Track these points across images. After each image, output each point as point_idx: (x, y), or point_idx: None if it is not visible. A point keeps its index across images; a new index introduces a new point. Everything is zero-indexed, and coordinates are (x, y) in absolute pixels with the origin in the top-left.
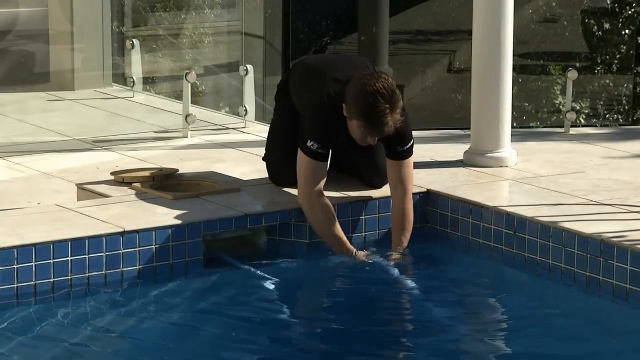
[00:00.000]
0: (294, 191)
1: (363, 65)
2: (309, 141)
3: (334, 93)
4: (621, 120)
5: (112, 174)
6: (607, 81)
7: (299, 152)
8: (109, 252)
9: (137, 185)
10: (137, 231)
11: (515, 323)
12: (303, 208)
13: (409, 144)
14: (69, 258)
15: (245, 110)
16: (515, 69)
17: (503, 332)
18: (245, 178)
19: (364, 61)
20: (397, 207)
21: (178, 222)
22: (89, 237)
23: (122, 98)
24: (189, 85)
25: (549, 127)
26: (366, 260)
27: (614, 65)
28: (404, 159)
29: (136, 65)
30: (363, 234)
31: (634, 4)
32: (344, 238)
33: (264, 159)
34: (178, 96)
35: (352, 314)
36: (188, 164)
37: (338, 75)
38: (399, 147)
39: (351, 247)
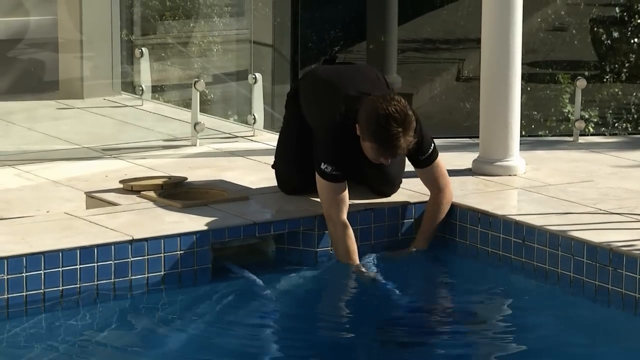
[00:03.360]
0: (303, 199)
1: (374, 77)
2: (322, 164)
3: (345, 111)
4: (630, 129)
5: (121, 182)
6: (616, 90)
7: (316, 174)
8: (117, 261)
9: (146, 193)
10: (145, 239)
11: (523, 332)
12: (327, 224)
13: (430, 150)
14: (77, 266)
15: (254, 118)
16: (524, 77)
17: (510, 341)
18: (254, 186)
19: (374, 72)
20: (431, 202)
21: (187, 230)
22: (98, 246)
23: (131, 106)
24: (198, 93)
25: (557, 135)
26: (366, 279)
27: (623, 74)
28: (429, 164)
29: (145, 73)
30: (372, 242)
31: None
32: (357, 264)
33: (273, 166)
34: (187, 104)
35: (358, 324)
36: (197, 172)
37: (349, 91)
38: (421, 156)
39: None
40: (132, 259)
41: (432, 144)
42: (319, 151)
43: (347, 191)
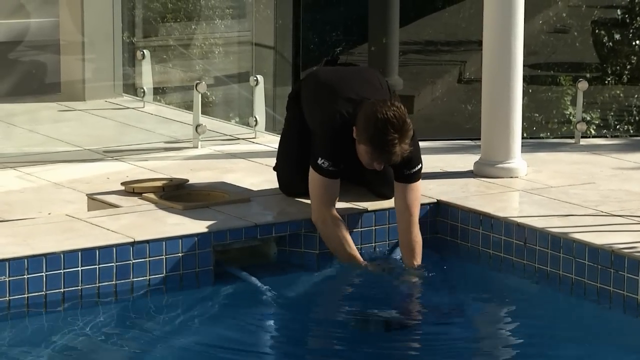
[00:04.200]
0: (305, 201)
1: (375, 80)
2: (319, 159)
3: (346, 112)
4: (632, 131)
5: (122, 184)
6: (618, 92)
7: (311, 170)
8: (119, 263)
9: (148, 195)
10: (147, 241)
11: (525, 335)
12: (316, 225)
13: (416, 168)
14: (79, 268)
15: (256, 120)
16: (525, 79)
17: (513, 344)
18: (255, 188)
19: (375, 75)
20: (405, 233)
21: (188, 232)
22: (100, 248)
23: (133, 108)
24: (200, 95)
25: (559, 137)
26: (379, 271)
27: (624, 76)
28: (410, 182)
29: (147, 75)
30: (373, 244)
31: None
32: (357, 255)
33: (274, 168)
34: (188, 106)
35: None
36: (198, 174)
37: (350, 94)
38: (406, 170)
39: (362, 261)
40: (133, 260)
41: (421, 164)
42: (317, 148)
43: (338, 191)
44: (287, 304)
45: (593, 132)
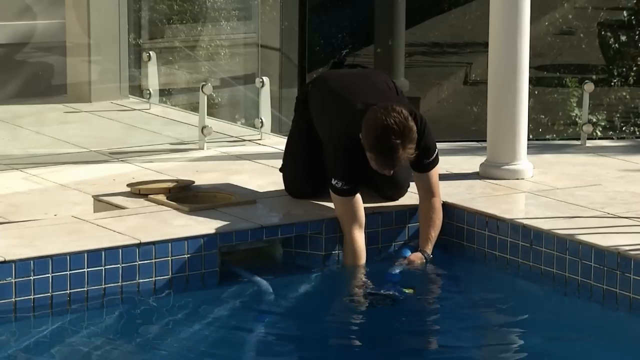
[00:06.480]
0: (311, 203)
1: (383, 85)
2: (333, 179)
3: (355, 126)
4: (638, 133)
5: (128, 185)
6: (624, 94)
7: (329, 189)
8: (125, 264)
9: (154, 197)
10: (153, 243)
11: (530, 337)
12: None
13: (434, 156)
14: (85, 270)
15: (261, 122)
16: (531, 81)
17: (518, 346)
18: (261, 190)
19: (383, 79)
20: (426, 206)
21: (194, 234)
22: (105, 249)
23: (139, 110)
24: (205, 97)
25: (565, 139)
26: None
27: (630, 78)
28: (431, 170)
29: (153, 77)
30: (379, 246)
31: None
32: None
33: (281, 170)
34: (194, 108)
35: (365, 327)
36: (204, 176)
37: (358, 105)
38: (425, 159)
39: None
40: (139, 262)
41: (437, 149)
42: (329, 167)
43: (360, 204)
44: (292, 306)
45: (599, 133)
